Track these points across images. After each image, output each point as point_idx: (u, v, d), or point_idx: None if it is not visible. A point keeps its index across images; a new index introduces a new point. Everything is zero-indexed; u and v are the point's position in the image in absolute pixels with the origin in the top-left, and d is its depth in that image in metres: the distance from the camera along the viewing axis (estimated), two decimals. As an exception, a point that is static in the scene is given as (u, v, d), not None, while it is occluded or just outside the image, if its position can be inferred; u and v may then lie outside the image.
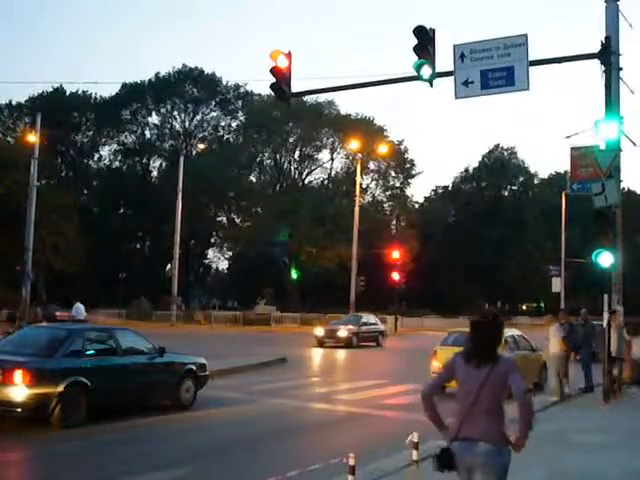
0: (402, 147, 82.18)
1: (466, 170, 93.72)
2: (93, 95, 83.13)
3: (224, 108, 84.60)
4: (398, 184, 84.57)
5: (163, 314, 53.16)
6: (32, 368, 11.48)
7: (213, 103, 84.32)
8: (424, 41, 16.25)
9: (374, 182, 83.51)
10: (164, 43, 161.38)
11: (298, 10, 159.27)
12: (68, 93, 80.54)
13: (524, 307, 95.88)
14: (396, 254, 59.29)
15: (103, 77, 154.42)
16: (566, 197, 60.20)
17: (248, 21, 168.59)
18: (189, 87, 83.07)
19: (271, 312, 59.71)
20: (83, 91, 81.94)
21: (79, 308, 29.95)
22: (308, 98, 69.72)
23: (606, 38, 16.48)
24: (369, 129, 74.69)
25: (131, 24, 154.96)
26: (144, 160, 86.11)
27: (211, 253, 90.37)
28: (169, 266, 55.74)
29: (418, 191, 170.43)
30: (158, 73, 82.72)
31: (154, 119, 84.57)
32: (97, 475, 8.98)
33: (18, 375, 11.21)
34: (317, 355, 30.52)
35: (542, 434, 12.05)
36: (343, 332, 35.61)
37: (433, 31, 16.44)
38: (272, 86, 17.92)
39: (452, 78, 16.76)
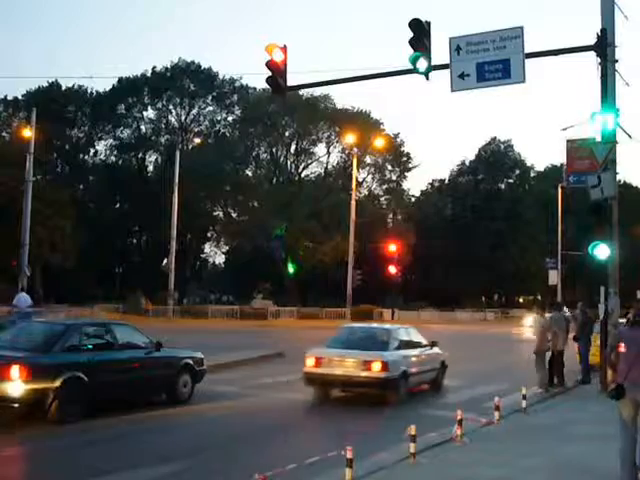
0: (398, 140, 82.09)
1: (463, 163, 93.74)
2: (89, 90, 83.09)
3: (220, 102, 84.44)
4: (394, 178, 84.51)
5: (159, 309, 53.14)
6: (29, 363, 11.47)
7: (209, 97, 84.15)
8: (420, 34, 16.23)
9: (370, 176, 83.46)
10: (160, 37, 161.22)
11: (294, 4, 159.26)
12: (64, 88, 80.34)
13: (521, 300, 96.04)
14: (393, 248, 59.38)
15: (99, 72, 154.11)
16: (562, 190, 60.33)
17: (244, 15, 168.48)
18: (185, 81, 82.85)
19: (268, 306, 59.74)
20: (79, 86, 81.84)
21: (21, 298, 29.99)
22: (304, 92, 69.61)
23: (602, 30, 16.46)
24: (365, 123, 74.54)
25: (127, 19, 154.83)
26: (140, 155, 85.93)
27: (208, 247, 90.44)
28: (165, 261, 55.55)
29: (415, 184, 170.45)
30: (154, 67, 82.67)
31: (150, 114, 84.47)
32: (94, 470, 8.96)
33: (15, 370, 11.19)
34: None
35: (542, 425, 12.15)
36: None
37: (429, 24, 16.42)
38: (268, 80, 17.89)
39: (448, 71, 16.75)
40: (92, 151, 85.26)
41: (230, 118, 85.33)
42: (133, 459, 9.63)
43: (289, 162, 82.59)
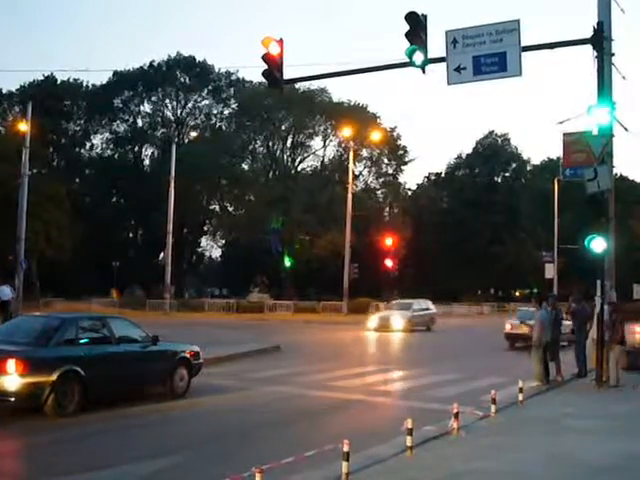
0: (395, 134, 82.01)
1: (459, 156, 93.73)
2: (84, 83, 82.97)
3: (216, 96, 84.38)
4: (391, 171, 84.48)
5: (156, 302, 53.17)
6: (25, 357, 11.45)
7: (205, 91, 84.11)
8: (416, 27, 16.19)
9: (367, 169, 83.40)
10: (156, 31, 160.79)
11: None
12: (59, 81, 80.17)
13: (517, 293, 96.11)
14: (389, 241, 59.35)
15: (94, 65, 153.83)
16: (559, 183, 60.34)
17: (240, 8, 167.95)
18: (181, 75, 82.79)
19: (265, 300, 59.73)
20: (74, 79, 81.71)
21: (4, 290, 30.87)
22: (300, 85, 69.32)
23: (598, 23, 16.44)
24: (362, 116, 74.46)
25: (122, 12, 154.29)
26: (136, 148, 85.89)
27: (204, 241, 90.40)
28: (162, 254, 55.55)
29: (411, 178, 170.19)
30: (153, 61, 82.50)
31: (146, 107, 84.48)
32: (91, 464, 8.96)
33: (11, 364, 11.18)
34: (311, 343, 30.54)
35: (538, 418, 12.17)
36: None
37: (425, 17, 16.38)
38: (264, 73, 17.83)
39: (444, 64, 16.72)
40: (88, 145, 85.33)
41: (226, 112, 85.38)
42: (129, 452, 9.63)
43: (285, 155, 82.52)
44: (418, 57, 16.32)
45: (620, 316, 16.67)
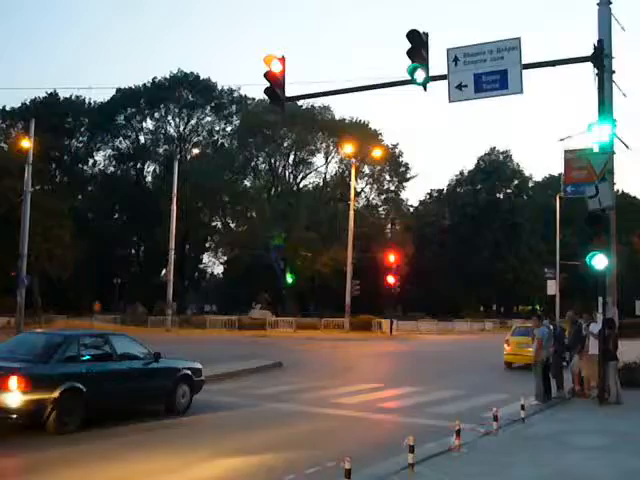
0: (397, 151, 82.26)
1: (461, 173, 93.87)
2: (87, 100, 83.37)
3: (219, 113, 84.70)
4: (393, 188, 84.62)
5: (158, 319, 53.12)
6: (27, 374, 11.43)
7: (208, 108, 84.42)
8: (417, 45, 16.30)
9: (369, 186, 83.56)
10: (159, 48, 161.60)
11: (293, 14, 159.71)
12: (62, 98, 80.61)
13: (519, 309, 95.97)
14: (391, 258, 59.29)
15: (97, 82, 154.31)
16: (560, 200, 60.42)
17: (243, 25, 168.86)
18: (184, 92, 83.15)
19: (266, 317, 59.64)
20: (77, 96, 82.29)
21: None
22: (303, 102, 69.77)
23: (599, 41, 16.55)
24: (364, 133, 74.65)
25: (126, 29, 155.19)
26: (138, 165, 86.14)
27: (206, 258, 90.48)
28: (164, 271, 55.59)
29: (413, 195, 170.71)
30: (155, 78, 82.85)
31: (149, 124, 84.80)
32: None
33: (13, 381, 11.16)
34: (313, 359, 30.47)
35: (540, 435, 12.13)
36: None
37: (426, 35, 16.50)
38: (266, 91, 17.93)
39: (446, 82, 16.81)
40: (91, 161, 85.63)
41: (229, 128, 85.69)
42: (129, 471, 9.60)
43: (287, 172, 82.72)
44: (420, 75, 16.42)
45: (613, 332, 16.60)
